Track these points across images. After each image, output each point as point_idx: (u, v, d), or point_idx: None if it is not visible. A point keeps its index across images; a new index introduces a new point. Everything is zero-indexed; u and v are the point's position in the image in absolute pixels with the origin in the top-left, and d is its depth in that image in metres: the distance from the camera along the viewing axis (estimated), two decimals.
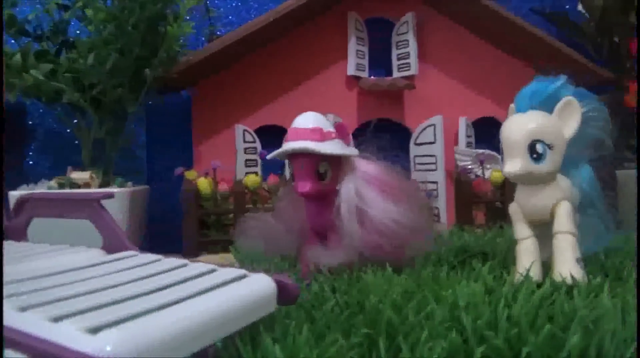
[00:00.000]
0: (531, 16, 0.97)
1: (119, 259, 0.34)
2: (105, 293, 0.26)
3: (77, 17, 0.67)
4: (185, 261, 0.33)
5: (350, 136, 0.47)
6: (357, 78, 0.86)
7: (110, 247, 0.37)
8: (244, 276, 0.29)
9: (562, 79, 0.41)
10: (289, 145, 0.43)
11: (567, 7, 1.00)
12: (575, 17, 0.96)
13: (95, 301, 0.23)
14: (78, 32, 0.74)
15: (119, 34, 0.60)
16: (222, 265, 0.32)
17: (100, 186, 0.66)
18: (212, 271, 0.31)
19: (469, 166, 0.85)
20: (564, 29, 0.93)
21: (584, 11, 0.93)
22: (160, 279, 0.29)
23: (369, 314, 0.29)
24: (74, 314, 0.21)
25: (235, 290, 0.28)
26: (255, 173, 0.79)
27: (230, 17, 0.89)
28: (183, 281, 0.29)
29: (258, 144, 0.82)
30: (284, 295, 0.29)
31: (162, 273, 0.31)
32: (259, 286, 0.28)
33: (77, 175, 0.65)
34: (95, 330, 0.20)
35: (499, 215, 0.79)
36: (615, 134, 0.43)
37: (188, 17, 0.69)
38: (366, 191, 0.44)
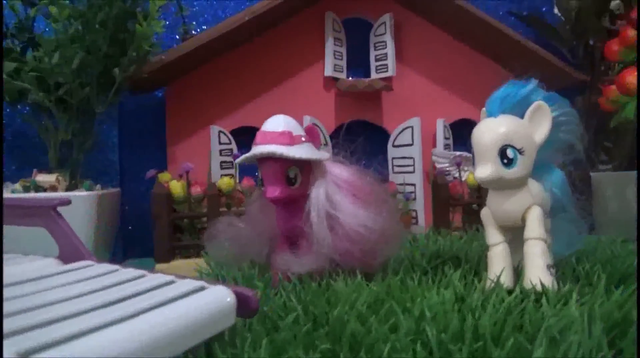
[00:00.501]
0: (508, 19, 0.98)
1: (73, 270, 0.32)
2: (50, 309, 0.25)
3: (43, 14, 0.65)
4: (143, 271, 0.32)
5: (322, 139, 0.46)
6: (335, 79, 0.85)
7: (67, 256, 0.35)
8: (202, 289, 0.28)
9: (533, 83, 0.41)
10: (257, 149, 0.41)
11: (544, 9, 1.01)
12: (552, 20, 0.97)
13: (35, 319, 0.22)
14: (47, 29, 0.72)
15: (85, 32, 0.58)
16: (182, 276, 0.30)
17: (67, 190, 0.63)
18: (170, 283, 0.29)
19: (447, 168, 0.85)
20: (541, 31, 0.94)
21: (560, 14, 0.93)
22: (114, 292, 0.28)
23: (333, 326, 0.29)
24: (6, 336, 0.20)
25: (192, 303, 0.27)
26: (231, 175, 0.78)
27: (205, 16, 0.87)
28: (138, 294, 0.28)
29: (234, 146, 0.80)
30: (243, 307, 0.28)
31: (117, 285, 0.30)
32: (217, 298, 0.27)
33: (42, 178, 0.63)
34: (27, 354, 0.18)
35: (476, 218, 0.79)
36: (586, 138, 0.43)
37: (160, 16, 0.67)
38: (337, 196, 0.43)
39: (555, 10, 0.94)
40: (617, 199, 0.79)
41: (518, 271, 0.41)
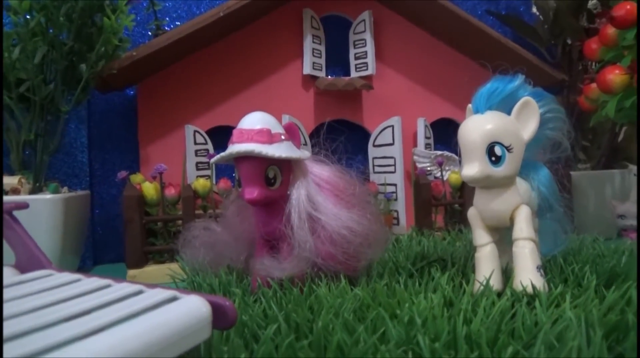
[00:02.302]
0: (486, 18, 0.98)
1: (31, 280, 0.29)
2: (8, 324, 0.22)
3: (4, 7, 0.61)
4: (108, 281, 0.29)
5: (302, 138, 0.44)
6: (314, 77, 0.83)
7: (24, 265, 0.32)
8: (174, 299, 0.26)
9: (520, 79, 0.39)
10: (233, 148, 0.39)
11: (522, 9, 1.01)
12: (530, 20, 0.97)
13: None
14: (8, 22, 0.68)
15: (49, 25, 0.54)
16: (151, 285, 0.28)
17: (31, 193, 0.60)
18: (138, 293, 0.27)
19: (428, 168, 0.84)
20: (519, 31, 0.94)
21: (538, 13, 0.93)
22: (78, 304, 0.26)
23: (317, 336, 0.26)
24: None
25: (164, 315, 0.24)
26: (207, 176, 0.75)
27: (179, 12, 0.84)
28: (104, 305, 0.25)
29: (210, 146, 0.77)
30: (220, 318, 0.26)
31: (80, 296, 0.27)
32: (190, 310, 0.25)
33: (5, 180, 0.59)
34: None
35: (457, 217, 0.78)
36: (573, 135, 0.42)
37: (131, 10, 0.64)
38: (318, 197, 0.41)
39: (534, 10, 0.95)
40: (596, 198, 0.79)
41: (507, 273, 0.40)
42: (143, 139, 0.77)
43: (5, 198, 0.55)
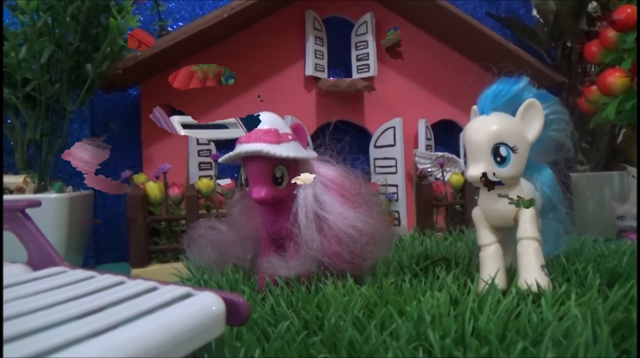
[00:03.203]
0: (487, 20, 0.99)
1: (45, 277, 0.30)
2: (24, 320, 0.22)
3: (9, 7, 0.61)
4: (122, 277, 0.29)
5: (308, 138, 0.44)
6: (316, 79, 0.84)
7: (37, 262, 0.32)
8: (188, 295, 0.26)
9: (525, 80, 0.40)
10: (241, 148, 0.39)
11: (522, 11, 1.02)
12: (531, 22, 0.98)
13: (8, 331, 0.20)
14: (14, 22, 0.68)
15: (55, 26, 0.55)
16: (165, 282, 0.28)
17: (36, 191, 0.60)
18: (153, 289, 0.27)
19: (429, 169, 0.84)
20: (519, 33, 0.95)
21: (538, 16, 0.94)
22: (93, 300, 0.26)
23: (329, 333, 0.27)
24: None
25: (178, 311, 0.25)
26: (210, 176, 0.75)
27: (182, 12, 0.85)
28: (118, 302, 0.26)
29: (212, 147, 0.78)
30: (233, 315, 0.26)
31: (95, 292, 0.27)
32: (204, 306, 0.25)
33: (9, 179, 0.59)
34: None
35: (458, 218, 0.79)
36: (576, 137, 0.43)
37: (135, 11, 0.64)
38: (325, 196, 0.41)
39: (534, 13, 0.95)
40: (595, 199, 0.80)
41: (511, 272, 0.40)
42: (146, 139, 0.77)
43: (15, 196, 0.55)
